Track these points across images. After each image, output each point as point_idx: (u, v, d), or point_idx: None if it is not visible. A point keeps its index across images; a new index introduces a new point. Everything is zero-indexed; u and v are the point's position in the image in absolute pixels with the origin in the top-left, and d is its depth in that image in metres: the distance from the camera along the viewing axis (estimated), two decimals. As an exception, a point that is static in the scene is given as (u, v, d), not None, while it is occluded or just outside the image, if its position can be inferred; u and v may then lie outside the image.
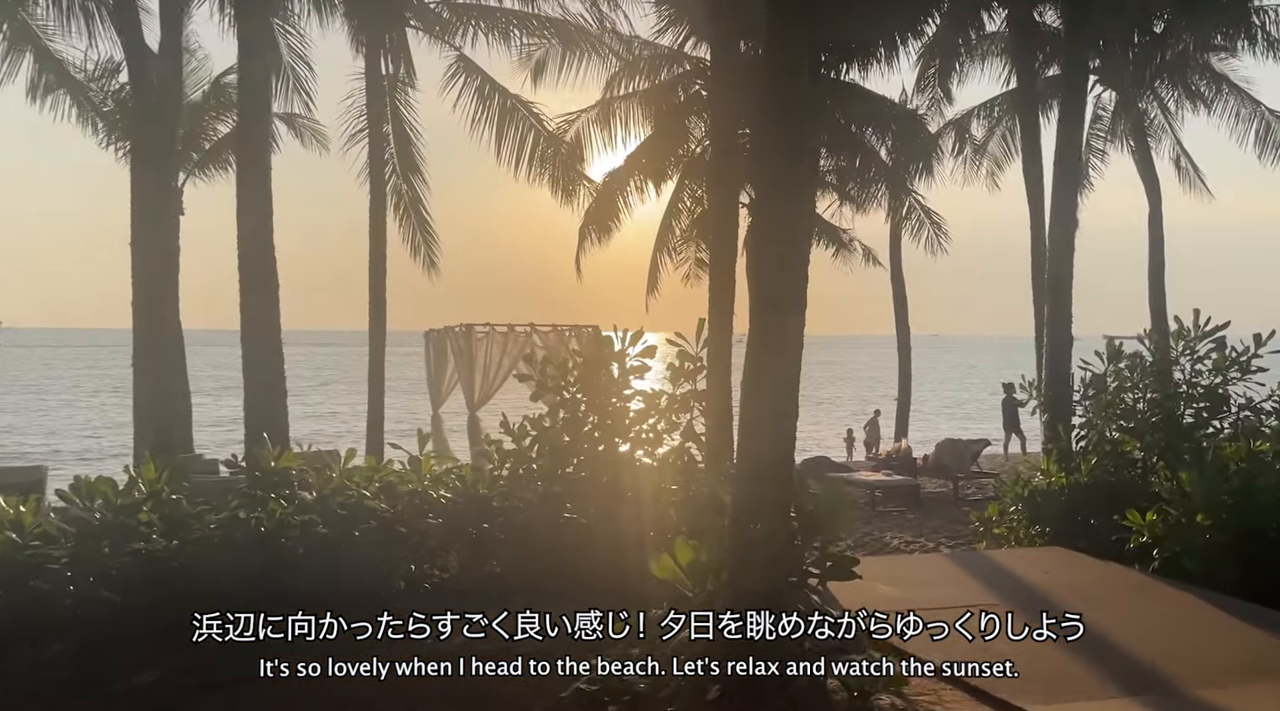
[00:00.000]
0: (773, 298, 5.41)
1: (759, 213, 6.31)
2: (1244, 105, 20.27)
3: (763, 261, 5.59)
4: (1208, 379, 9.84)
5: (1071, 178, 12.39)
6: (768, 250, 5.62)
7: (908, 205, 21.17)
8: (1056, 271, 11.97)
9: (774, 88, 5.59)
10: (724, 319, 10.16)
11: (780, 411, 5.17)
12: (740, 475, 5.10)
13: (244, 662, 5.01)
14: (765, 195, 5.89)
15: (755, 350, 5.24)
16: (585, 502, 7.79)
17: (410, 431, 9.55)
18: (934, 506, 14.36)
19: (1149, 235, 20.98)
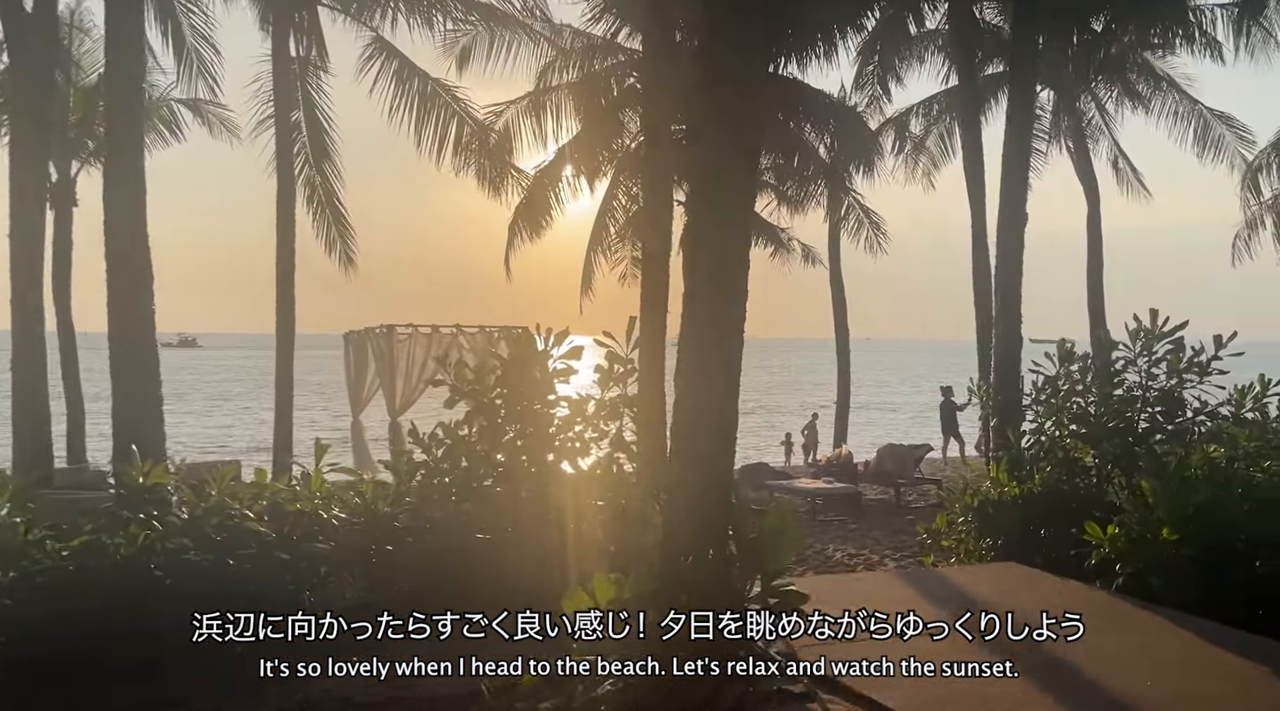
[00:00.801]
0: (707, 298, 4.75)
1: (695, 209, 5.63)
2: (1182, 104, 20.21)
3: (698, 260, 4.91)
4: (1164, 381, 9.37)
5: (1021, 172, 11.93)
6: (704, 247, 4.99)
7: (846, 204, 20.74)
8: (1006, 269, 11.47)
9: (712, 78, 5.04)
10: (657, 318, 9.42)
11: (717, 424, 4.46)
12: (670, 498, 4.36)
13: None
14: (704, 190, 5.28)
15: (690, 356, 4.53)
16: (502, 520, 6.99)
17: (337, 441, 8.68)
18: (876, 514, 13.81)
19: (1087, 236, 20.83)
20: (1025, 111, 12.32)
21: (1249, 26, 17.28)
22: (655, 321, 9.24)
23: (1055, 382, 9.84)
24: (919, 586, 7.49)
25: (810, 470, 16.40)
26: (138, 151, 8.93)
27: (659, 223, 10.39)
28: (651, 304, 9.36)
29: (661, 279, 9.69)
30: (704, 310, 4.68)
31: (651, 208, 10.55)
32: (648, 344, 9.03)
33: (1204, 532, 7.22)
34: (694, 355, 4.62)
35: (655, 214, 10.41)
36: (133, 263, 8.68)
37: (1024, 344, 11.37)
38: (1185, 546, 7.16)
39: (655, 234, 10.31)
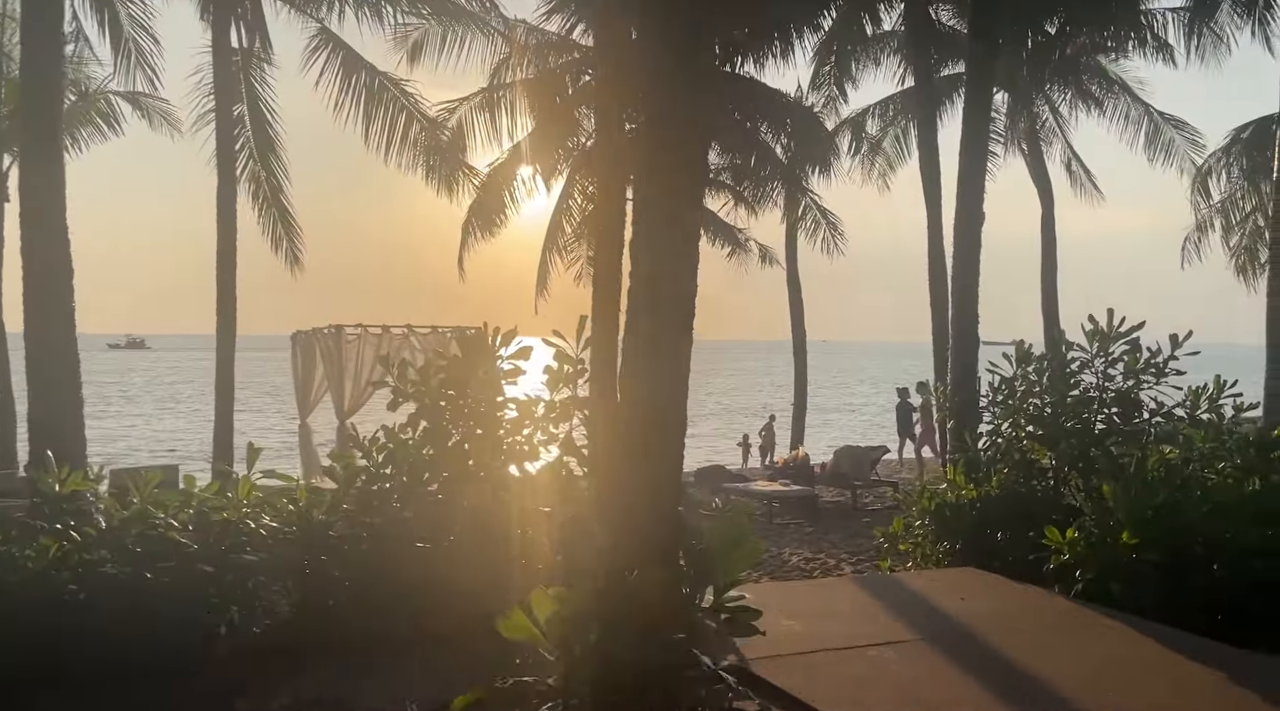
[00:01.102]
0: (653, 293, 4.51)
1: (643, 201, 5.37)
2: (1134, 107, 20.36)
3: (642, 253, 4.66)
4: (1120, 382, 9.28)
5: (977, 172, 11.83)
6: (649, 241, 4.74)
7: (804, 205, 20.63)
8: (962, 270, 11.36)
9: (658, 72, 4.79)
10: (610, 317, 9.13)
11: (666, 424, 4.20)
12: (613, 508, 4.09)
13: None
14: (650, 184, 5.03)
15: (635, 353, 4.27)
16: (445, 528, 6.68)
17: (287, 446, 8.30)
18: (833, 517, 13.65)
19: (1041, 238, 20.90)
20: (982, 111, 12.22)
21: (1200, 29, 17.40)
22: (608, 320, 8.96)
23: (1012, 384, 9.73)
24: (876, 593, 7.30)
25: (767, 472, 16.23)
26: (54, 137, 8.47)
27: (611, 219, 10.09)
28: (604, 302, 9.07)
29: (614, 276, 9.41)
30: (650, 304, 4.42)
31: (603, 205, 10.25)
32: (600, 344, 8.76)
33: (1163, 536, 7.11)
34: (641, 351, 4.36)
35: (608, 212, 10.10)
36: (50, 255, 8.22)
37: (980, 345, 11.27)
38: (1145, 550, 7.04)
39: (608, 232, 10.00)
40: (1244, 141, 20.45)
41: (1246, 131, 20.13)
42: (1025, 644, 5.93)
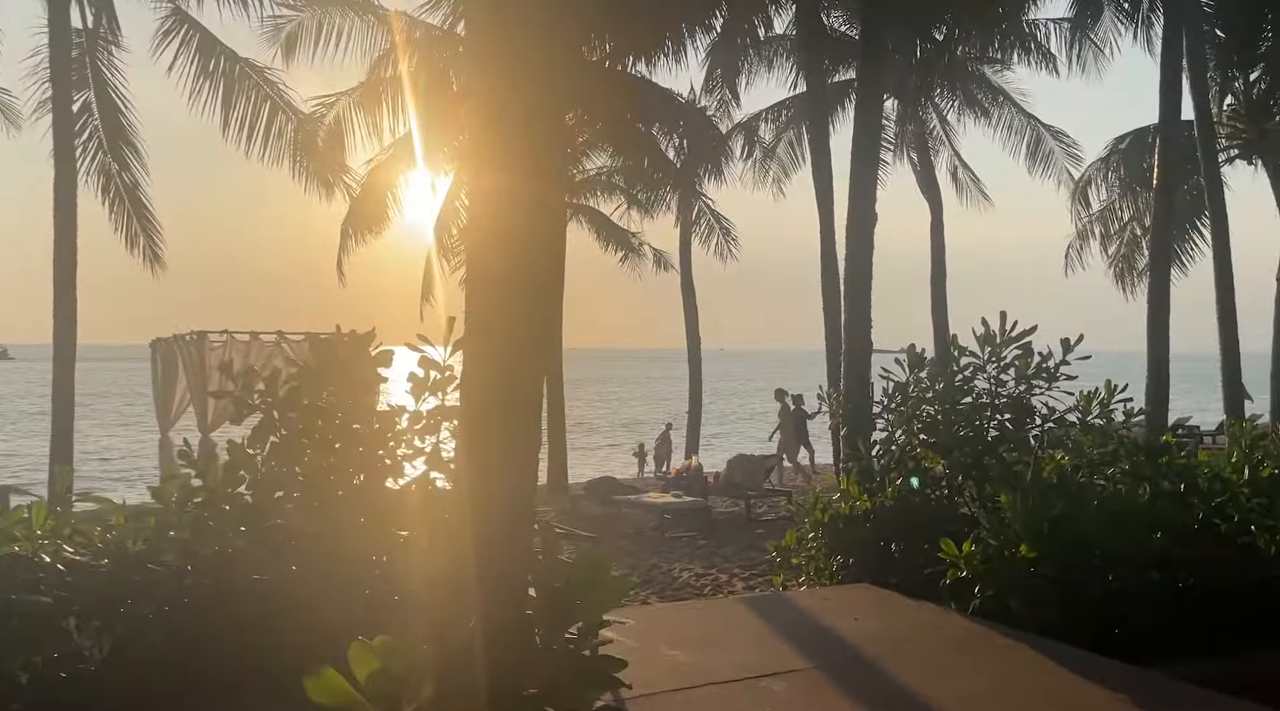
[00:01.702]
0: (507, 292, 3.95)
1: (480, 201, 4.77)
2: (1018, 117, 20.66)
3: (476, 254, 4.09)
4: (1013, 388, 9.06)
5: (870, 171, 11.59)
6: (498, 233, 4.17)
7: (697, 209, 20.30)
8: (854, 271, 11.07)
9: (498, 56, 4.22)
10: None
11: (514, 448, 3.63)
12: (452, 538, 3.48)
13: None
14: (500, 181, 4.46)
15: (477, 366, 3.69)
16: (286, 559, 5.92)
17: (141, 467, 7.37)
18: (727, 529, 13.23)
19: (931, 245, 21.03)
20: (873, 112, 12.02)
21: (1081, 39, 17.70)
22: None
23: (905, 390, 9.44)
24: (767, 615, 6.83)
25: (660, 483, 15.75)
26: None
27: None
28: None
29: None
30: (502, 302, 3.84)
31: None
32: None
33: (1060, 549, 6.83)
34: (488, 352, 3.78)
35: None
36: None
37: (874, 352, 11.00)
38: (1042, 565, 6.75)
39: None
40: (1122, 152, 20.98)
41: (1125, 142, 20.64)
42: (919, 667, 5.53)
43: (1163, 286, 14.52)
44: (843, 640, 6.07)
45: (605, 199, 19.93)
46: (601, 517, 13.91)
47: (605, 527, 13.31)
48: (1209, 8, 17.70)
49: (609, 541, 12.28)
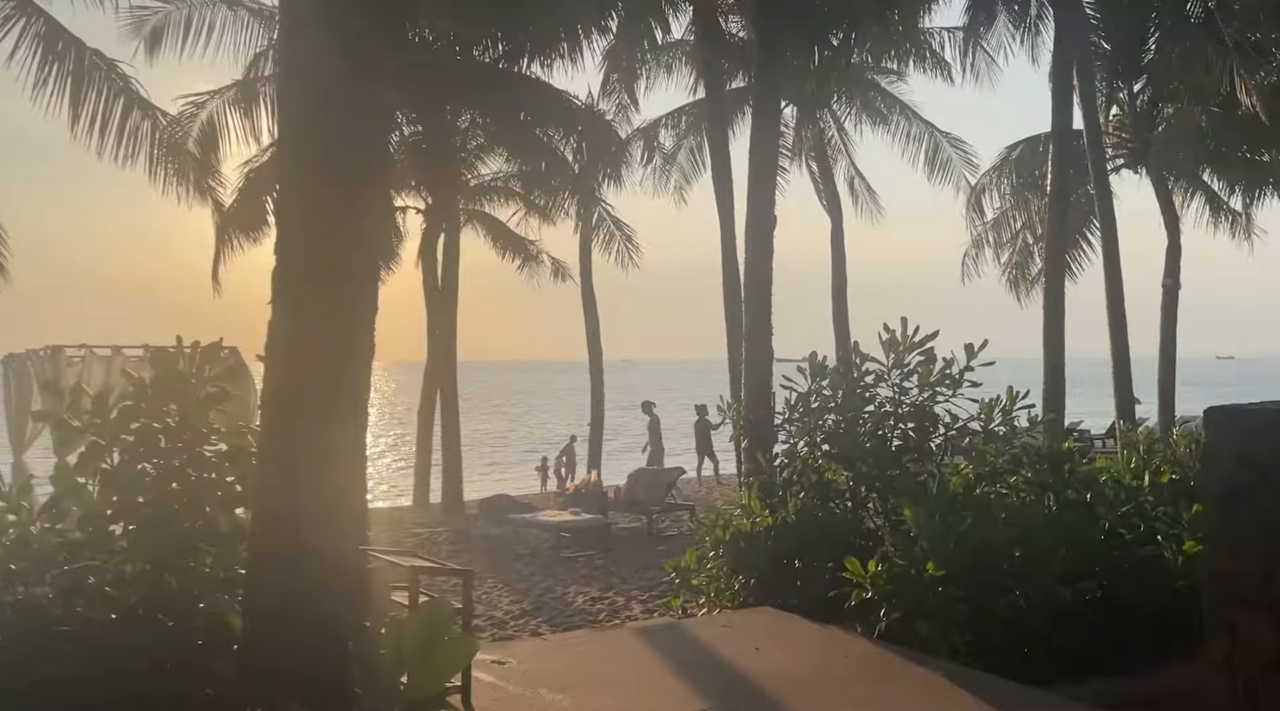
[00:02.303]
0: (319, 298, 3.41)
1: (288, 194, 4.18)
2: (916, 124, 20.72)
3: (289, 252, 3.53)
4: (916, 395, 8.76)
5: (768, 170, 11.26)
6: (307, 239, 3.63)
7: (597, 215, 19.80)
8: (753, 275, 10.67)
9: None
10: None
11: (325, 454, 3.05)
12: (252, 585, 2.87)
13: None
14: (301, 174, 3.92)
15: (282, 382, 3.12)
16: (107, 606, 5.15)
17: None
18: (627, 547, 12.70)
19: (832, 254, 20.92)
20: (770, 114, 11.70)
21: (973, 48, 17.82)
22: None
23: (807, 399, 9.05)
24: (662, 647, 6.30)
25: (558, 500, 15.14)
26: None
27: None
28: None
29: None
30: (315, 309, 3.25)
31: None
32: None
33: (969, 565, 6.51)
34: (295, 368, 3.19)
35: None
36: None
37: (775, 361, 10.62)
38: (951, 583, 6.40)
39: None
40: (1014, 161, 21.22)
41: (1016, 150, 20.89)
42: (824, 704, 5.07)
43: (1057, 292, 14.58)
44: (743, 676, 5.58)
45: (502, 204, 19.28)
46: (496, 538, 13.23)
47: (499, 548, 12.64)
48: (1094, 19, 18.02)
49: (503, 564, 11.62)
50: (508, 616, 8.87)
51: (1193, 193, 20.89)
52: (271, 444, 3.50)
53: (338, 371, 3.39)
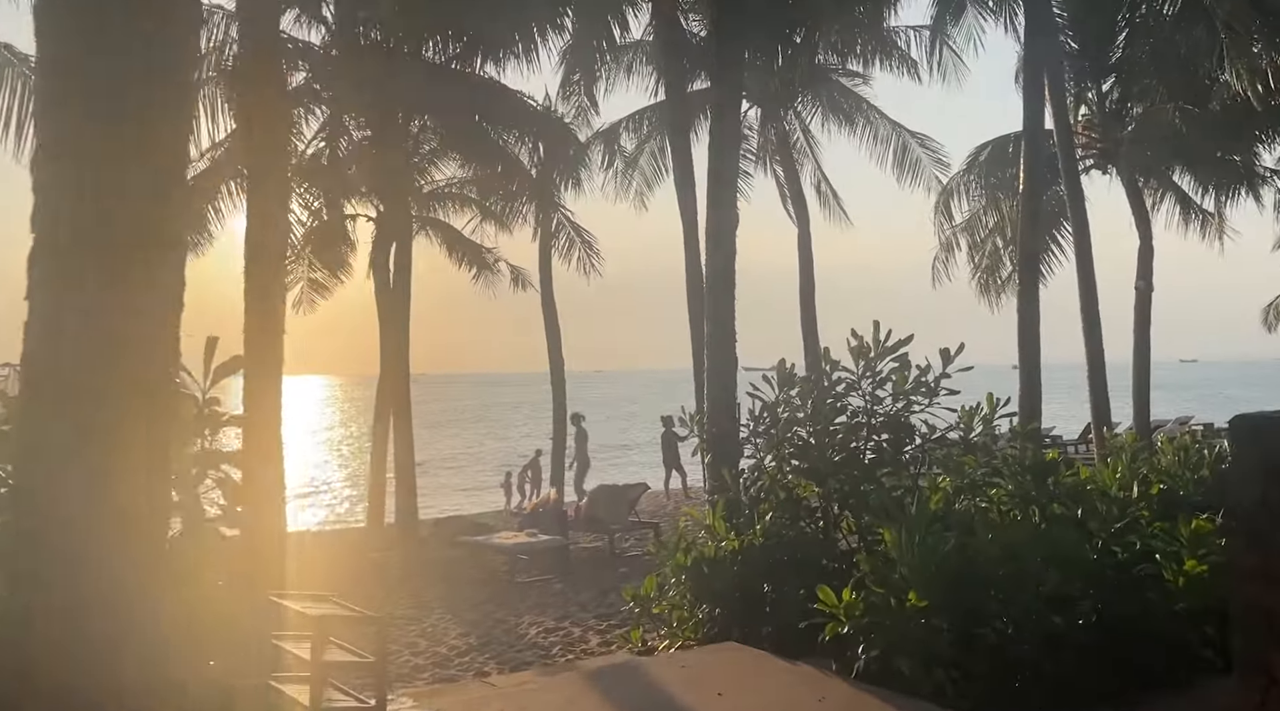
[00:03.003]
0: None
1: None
2: (883, 124, 20.23)
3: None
4: (890, 405, 8.16)
5: (729, 168, 10.65)
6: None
7: (556, 222, 19.12)
8: (715, 279, 10.05)
9: None
10: (272, 343, 7.03)
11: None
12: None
13: None
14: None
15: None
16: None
17: None
18: (588, 569, 12.00)
19: (799, 258, 20.37)
20: (730, 112, 11.17)
21: (940, 46, 17.37)
22: (269, 348, 6.87)
23: (774, 410, 8.43)
24: (613, 694, 5.62)
25: (516, 519, 14.37)
26: None
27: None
28: (263, 325, 6.97)
29: (276, 289, 7.36)
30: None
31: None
32: (257, 378, 6.68)
33: (952, 592, 5.89)
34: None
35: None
36: None
37: (741, 369, 9.99)
38: (934, 612, 5.77)
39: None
40: (983, 162, 20.80)
41: (985, 151, 20.47)
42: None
43: (1032, 294, 14.08)
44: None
45: (456, 211, 18.54)
46: (450, 561, 12.47)
47: (452, 573, 11.89)
48: (1061, 18, 17.64)
49: (454, 591, 10.88)
50: (453, 652, 8.15)
51: (1163, 193, 20.57)
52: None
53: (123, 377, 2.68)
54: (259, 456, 6.44)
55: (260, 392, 6.63)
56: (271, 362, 6.76)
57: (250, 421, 6.53)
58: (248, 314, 6.77)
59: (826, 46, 16.72)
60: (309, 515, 23.91)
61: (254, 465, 6.40)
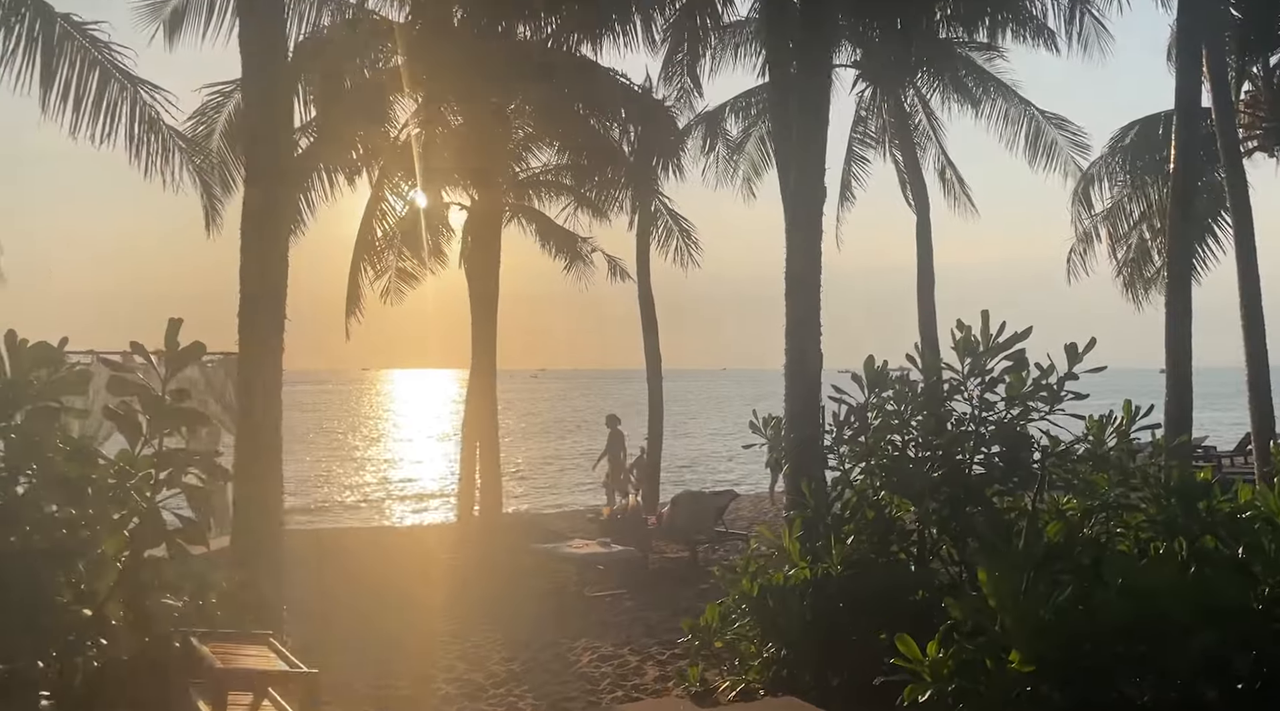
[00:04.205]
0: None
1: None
2: (1013, 105, 18.46)
3: None
4: (1003, 411, 6.85)
5: (818, 132, 9.47)
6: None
7: (654, 208, 18.15)
8: (798, 266, 8.83)
9: None
10: (271, 325, 6.25)
11: None
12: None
13: None
14: None
15: None
16: None
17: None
18: (664, 584, 10.98)
19: (917, 248, 18.82)
20: (821, 66, 10.02)
21: (1080, 14, 15.60)
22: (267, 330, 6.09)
23: (863, 415, 7.22)
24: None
25: (595, 525, 13.37)
26: None
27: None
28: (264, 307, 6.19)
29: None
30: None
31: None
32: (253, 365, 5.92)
33: (1069, 651, 4.63)
34: None
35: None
36: None
37: (823, 368, 8.78)
38: (1046, 679, 4.53)
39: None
40: (1128, 146, 18.79)
41: (1131, 133, 18.47)
42: None
43: (1183, 289, 12.30)
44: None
45: (550, 200, 17.76)
46: (521, 569, 11.61)
47: (519, 581, 11.05)
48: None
49: (515, 603, 10.03)
50: (489, 681, 7.25)
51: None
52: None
53: None
54: (251, 458, 5.68)
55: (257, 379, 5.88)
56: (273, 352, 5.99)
57: (246, 419, 5.79)
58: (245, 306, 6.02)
59: (948, 14, 15.18)
60: (406, 509, 23.74)
61: (246, 468, 5.65)
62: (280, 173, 5.89)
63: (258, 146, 6.06)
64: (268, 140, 6.01)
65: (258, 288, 5.88)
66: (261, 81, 5.77)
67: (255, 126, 6.08)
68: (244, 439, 5.74)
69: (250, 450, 5.73)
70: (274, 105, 6.08)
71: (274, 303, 5.94)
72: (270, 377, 5.87)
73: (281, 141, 6.17)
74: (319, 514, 21.88)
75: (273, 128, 6.05)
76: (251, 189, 6.15)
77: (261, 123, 6.11)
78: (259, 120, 6.05)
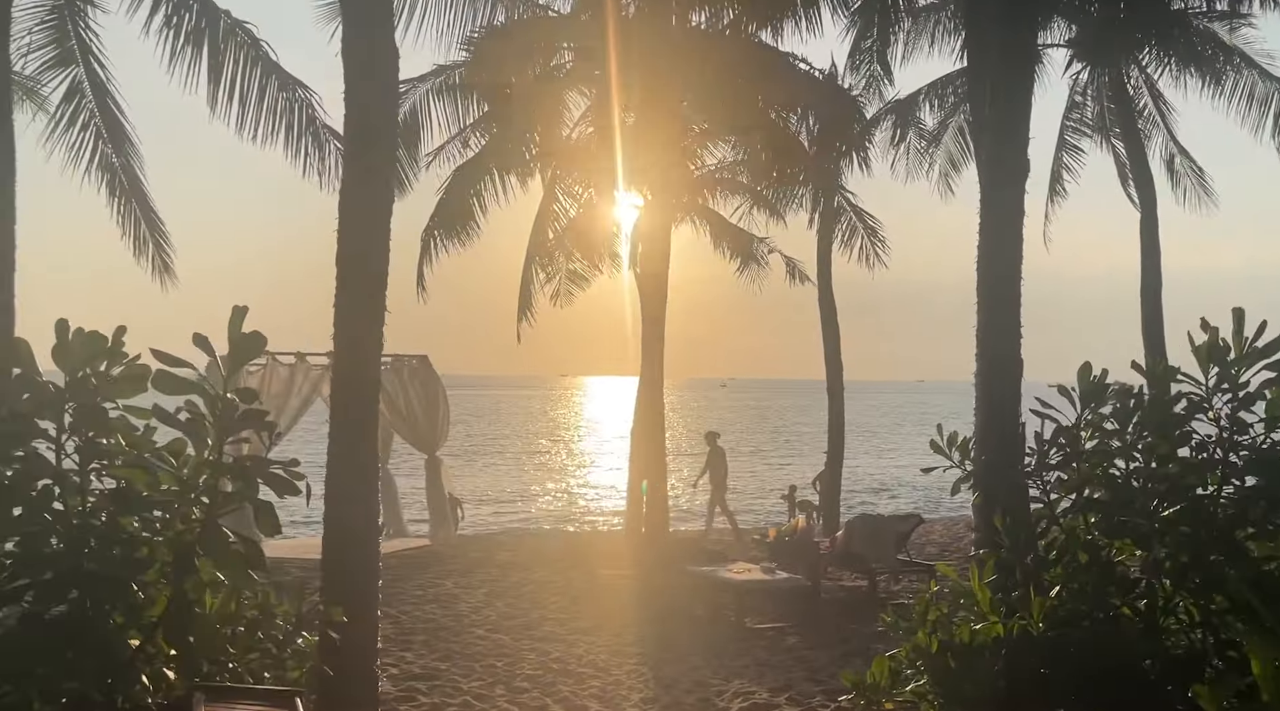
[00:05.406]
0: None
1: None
2: (1263, 82, 15.95)
3: None
4: (1261, 435, 5.38)
5: (1017, 135, 8.14)
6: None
7: (837, 205, 16.87)
8: (994, 266, 7.50)
9: None
10: (373, 317, 5.62)
11: None
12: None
13: None
14: None
15: None
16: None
17: None
18: (836, 618, 9.80)
19: (1141, 244, 16.65)
20: (1026, 41, 8.61)
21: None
22: (367, 322, 5.46)
23: (1075, 436, 5.88)
24: None
25: (759, 547, 12.23)
26: None
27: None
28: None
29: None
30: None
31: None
32: (352, 361, 5.30)
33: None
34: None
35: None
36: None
37: (1022, 370, 7.39)
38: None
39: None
40: None
41: None
42: None
43: None
44: None
45: (725, 199, 16.83)
46: (679, 590, 10.72)
47: (675, 606, 10.17)
48: None
49: (669, 632, 9.15)
50: (621, 726, 6.40)
51: None
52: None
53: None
54: (348, 471, 5.06)
55: (358, 377, 5.26)
56: (373, 347, 5.35)
57: (340, 421, 5.18)
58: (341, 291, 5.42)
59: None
60: (577, 516, 23.42)
61: (343, 485, 5.05)
62: (378, 167, 5.31)
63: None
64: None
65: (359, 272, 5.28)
66: (363, 93, 5.26)
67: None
68: (339, 448, 5.12)
69: (349, 465, 5.10)
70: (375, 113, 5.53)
71: (374, 288, 5.33)
72: (370, 374, 5.25)
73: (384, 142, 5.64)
74: (494, 515, 21.99)
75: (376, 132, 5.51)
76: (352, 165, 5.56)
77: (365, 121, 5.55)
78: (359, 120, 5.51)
